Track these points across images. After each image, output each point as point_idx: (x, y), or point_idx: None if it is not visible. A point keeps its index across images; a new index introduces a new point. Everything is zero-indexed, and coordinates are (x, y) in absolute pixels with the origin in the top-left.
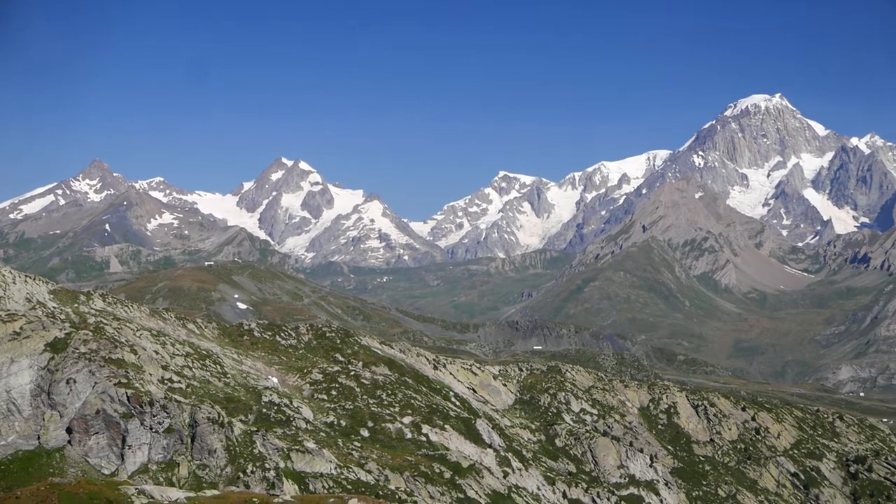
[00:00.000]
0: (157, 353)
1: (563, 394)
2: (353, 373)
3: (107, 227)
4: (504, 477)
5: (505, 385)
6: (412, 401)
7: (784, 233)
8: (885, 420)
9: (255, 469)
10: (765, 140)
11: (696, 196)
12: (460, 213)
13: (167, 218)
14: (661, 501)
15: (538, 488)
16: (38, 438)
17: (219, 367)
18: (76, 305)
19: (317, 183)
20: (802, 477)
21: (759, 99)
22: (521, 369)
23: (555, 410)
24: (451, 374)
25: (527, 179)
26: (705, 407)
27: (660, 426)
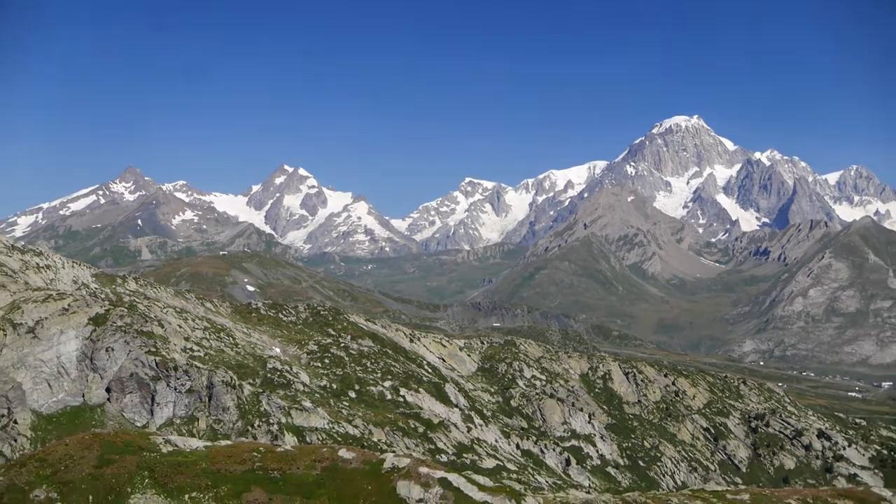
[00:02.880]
0: (180, 326)
1: (517, 363)
2: (342, 344)
3: (139, 222)
4: (468, 431)
5: (469, 355)
6: (392, 368)
7: (700, 230)
8: (780, 384)
9: (261, 423)
10: (684, 153)
11: (629, 199)
12: (433, 212)
13: (189, 215)
14: (598, 451)
15: (496, 441)
16: (83, 396)
17: (231, 338)
18: (113, 287)
19: (313, 186)
20: (713, 431)
21: (680, 119)
22: (482, 342)
23: (510, 376)
24: (424, 346)
25: (488, 184)
26: (634, 374)
27: (597, 389)
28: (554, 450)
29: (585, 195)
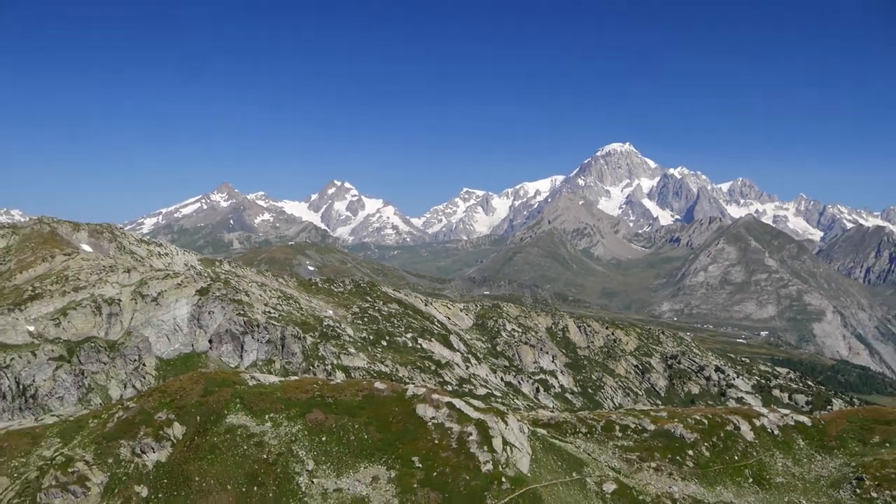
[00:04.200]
0: (260, 296)
1: (501, 319)
2: (376, 308)
3: (231, 221)
4: (466, 369)
5: (466, 315)
6: (412, 324)
7: (630, 225)
8: (688, 334)
9: (319, 364)
10: (619, 170)
11: (580, 203)
12: (440, 213)
13: (266, 216)
14: (559, 382)
15: (486, 375)
16: (192, 346)
17: (297, 304)
18: (213, 268)
19: (354, 195)
20: (640, 367)
21: (616, 145)
22: (476, 305)
23: (496, 329)
24: (434, 308)
25: (480, 192)
26: (584, 327)
27: (557, 338)
28: (527, 381)
29: (549, 200)
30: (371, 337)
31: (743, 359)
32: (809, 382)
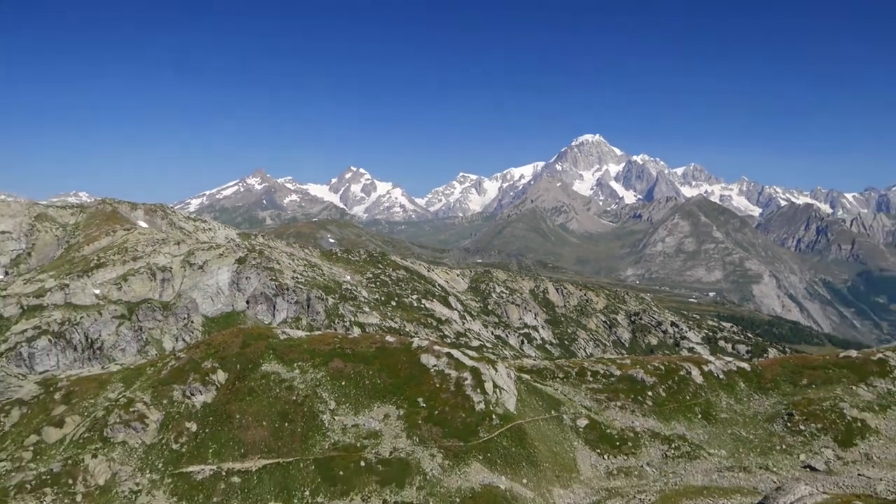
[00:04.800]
0: (289, 264)
1: (492, 283)
2: (387, 274)
3: (263, 201)
4: (462, 324)
5: (462, 279)
6: (416, 287)
7: (600, 203)
8: (648, 295)
9: (339, 321)
10: (591, 157)
11: (557, 185)
12: (440, 194)
13: (294, 197)
14: (540, 336)
15: (479, 330)
16: (232, 306)
17: (320, 270)
18: (249, 241)
19: (368, 179)
20: (608, 322)
21: (588, 136)
22: (470, 271)
23: (487, 291)
24: (436, 274)
25: (473, 176)
26: (561, 289)
27: (539, 299)
28: (513, 335)
29: (532, 183)
30: (382, 298)
31: (694, 315)
32: (749, 335)
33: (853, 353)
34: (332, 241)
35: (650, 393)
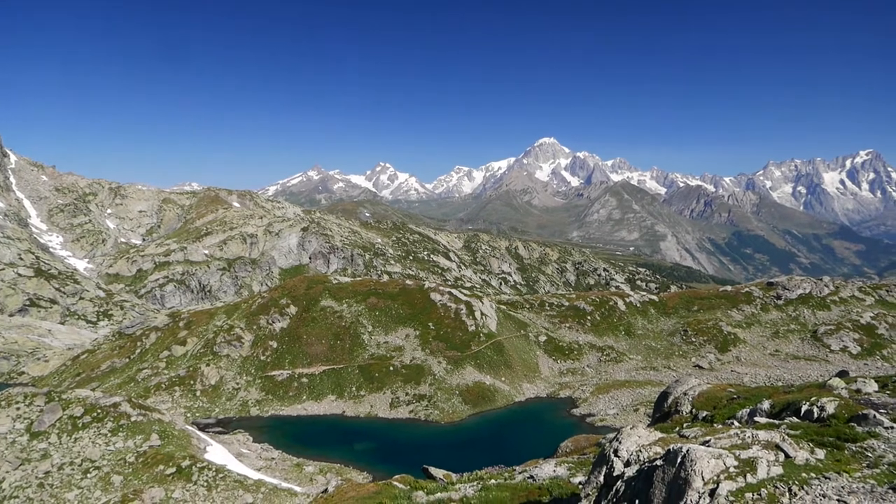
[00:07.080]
0: (338, 231)
1: (479, 243)
2: (406, 237)
3: (319, 188)
4: (458, 272)
5: (458, 240)
6: (427, 246)
7: (554, 186)
8: (587, 249)
9: (373, 271)
10: (547, 153)
11: (524, 174)
12: (443, 181)
13: (340, 184)
14: (513, 279)
15: (470, 276)
16: (299, 261)
17: (360, 235)
18: (310, 215)
19: (392, 171)
20: (560, 269)
21: (545, 139)
22: (464, 235)
23: (476, 248)
24: (440, 237)
25: (465, 168)
26: (527, 246)
27: (512, 253)
28: (495, 279)
29: (506, 172)
30: (403, 254)
31: (619, 264)
32: (658, 276)
33: (728, 288)
34: (367, 215)
35: (589, 317)
